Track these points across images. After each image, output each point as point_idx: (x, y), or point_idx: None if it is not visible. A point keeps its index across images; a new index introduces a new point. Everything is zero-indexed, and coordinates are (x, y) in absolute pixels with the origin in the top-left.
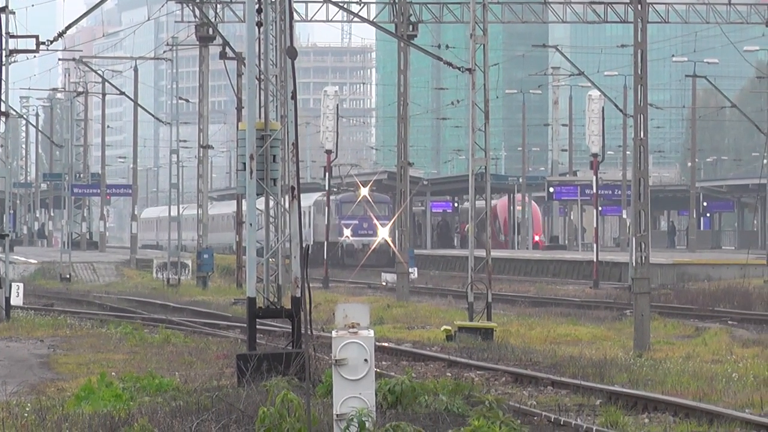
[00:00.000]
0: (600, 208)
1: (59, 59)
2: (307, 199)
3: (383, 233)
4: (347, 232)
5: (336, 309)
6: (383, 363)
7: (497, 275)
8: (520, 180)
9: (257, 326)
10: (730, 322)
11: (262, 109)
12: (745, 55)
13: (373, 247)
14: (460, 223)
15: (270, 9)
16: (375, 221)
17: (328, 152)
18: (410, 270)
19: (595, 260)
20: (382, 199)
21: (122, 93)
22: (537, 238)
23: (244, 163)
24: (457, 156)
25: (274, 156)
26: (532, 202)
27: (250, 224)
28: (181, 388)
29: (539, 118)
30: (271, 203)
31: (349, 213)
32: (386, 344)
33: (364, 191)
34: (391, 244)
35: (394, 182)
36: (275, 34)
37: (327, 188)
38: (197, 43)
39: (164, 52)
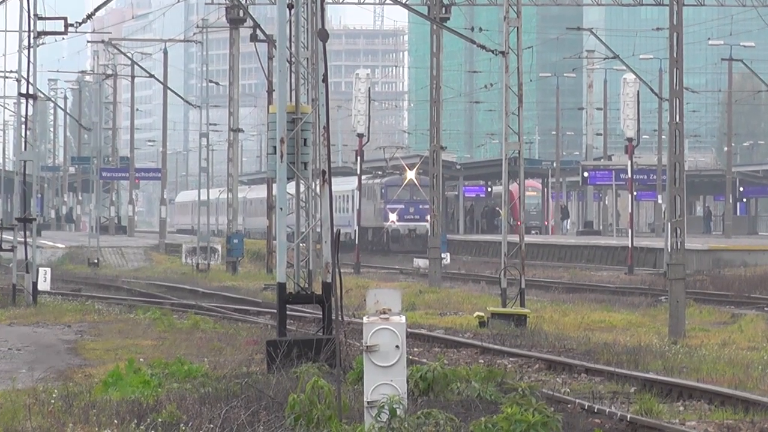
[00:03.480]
0: (635, 193)
1: (88, 41)
2: (351, 183)
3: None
4: (393, 216)
5: (367, 294)
6: (415, 349)
7: (530, 261)
8: (554, 164)
9: (287, 312)
10: (766, 308)
11: (293, 92)
12: None
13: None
14: (494, 209)
15: None
16: (423, 205)
17: (360, 136)
18: (443, 255)
19: (629, 246)
20: (425, 182)
21: (151, 76)
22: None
23: (275, 147)
24: (490, 140)
25: (305, 139)
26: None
27: (281, 209)
28: (210, 374)
29: (573, 102)
30: (302, 187)
31: (395, 197)
32: (418, 330)
33: (411, 174)
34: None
35: (427, 166)
36: (306, 17)
37: (359, 172)
38: (227, 25)
39: (194, 34)
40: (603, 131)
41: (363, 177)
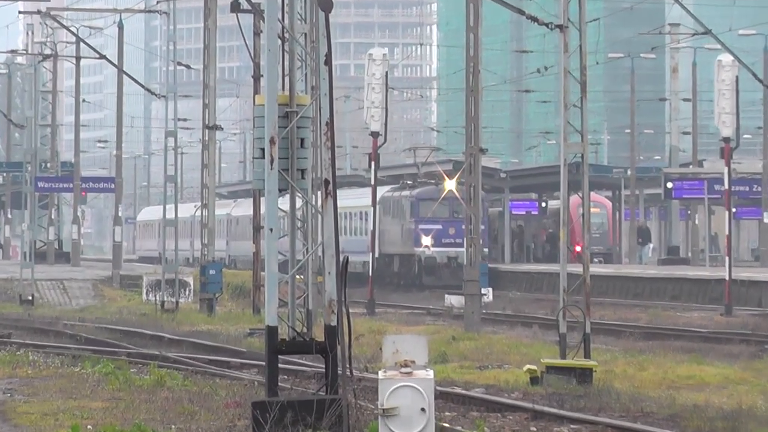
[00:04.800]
0: (733, 210)
1: (20, 12)
2: (364, 197)
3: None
4: (427, 240)
5: (384, 342)
6: (446, 414)
7: (598, 298)
8: (628, 172)
9: (280, 365)
10: None
11: (287, 78)
12: None
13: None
14: (540, 230)
15: None
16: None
17: (375, 135)
18: (483, 291)
19: (727, 278)
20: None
21: (102, 57)
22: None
23: (263, 149)
24: (544, 140)
25: (302, 140)
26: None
27: (270, 230)
28: None
29: (653, 91)
30: (299, 202)
31: (430, 214)
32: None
33: (451, 184)
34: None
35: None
36: None
37: (373, 182)
38: None
39: (157, 2)
40: (692, 129)
41: (383, 188)
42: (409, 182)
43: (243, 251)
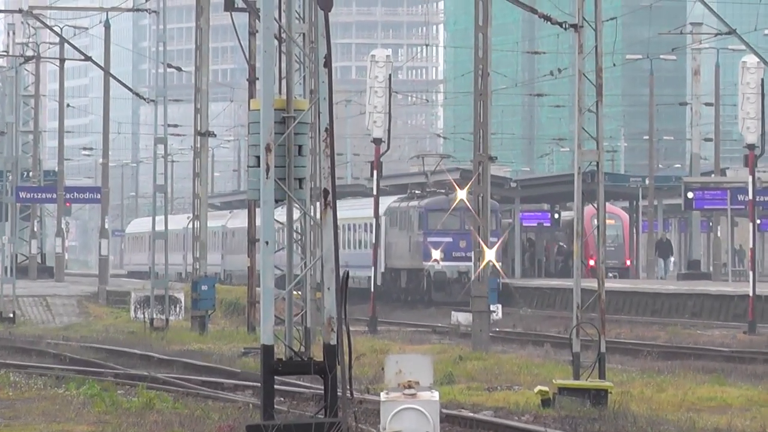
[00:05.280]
0: (758, 222)
1: (0, 10)
2: (366, 207)
3: (490, 255)
4: (436, 254)
5: (386, 362)
6: None
7: (613, 315)
8: (647, 181)
9: (276, 386)
10: None
11: (284, 81)
12: None
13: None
14: (546, 243)
15: None
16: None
17: (377, 142)
18: (492, 308)
19: (750, 294)
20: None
21: (88, 58)
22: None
23: (258, 157)
24: (557, 147)
25: (300, 147)
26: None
27: (266, 243)
28: None
29: (673, 94)
30: (296, 213)
31: (440, 226)
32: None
33: (462, 194)
34: (501, 271)
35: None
36: None
37: (375, 192)
38: None
39: (147, 0)
40: (714, 135)
41: (390, 198)
42: (417, 192)
43: (239, 266)
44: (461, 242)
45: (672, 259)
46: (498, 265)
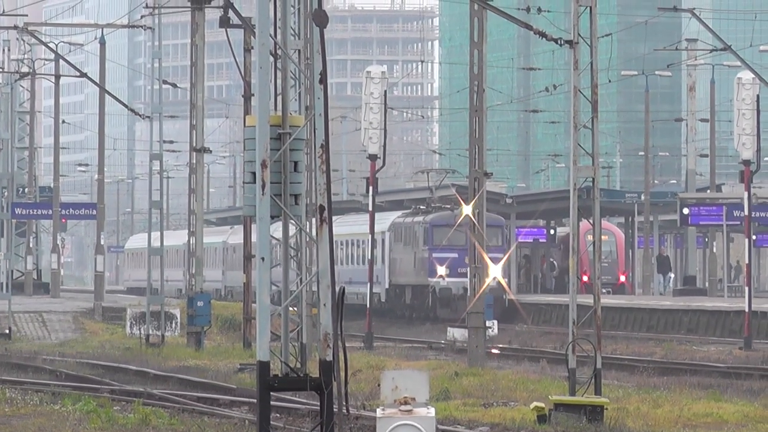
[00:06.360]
0: (754, 237)
1: None
2: (381, 223)
3: (495, 272)
4: (442, 270)
5: (382, 378)
6: None
7: (609, 331)
8: (642, 197)
9: (272, 402)
10: None
11: (279, 98)
12: None
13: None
14: (541, 257)
15: None
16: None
17: (373, 158)
18: (488, 324)
19: (746, 310)
20: (493, 221)
21: (83, 75)
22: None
23: (254, 173)
24: (553, 163)
25: (296, 163)
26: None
27: (262, 259)
28: None
29: (669, 110)
30: (292, 229)
31: (445, 242)
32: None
33: (467, 209)
34: (506, 288)
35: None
36: None
37: (371, 208)
38: (188, 4)
39: (142, 17)
40: (710, 151)
41: (394, 213)
42: (422, 207)
43: (240, 281)
44: (467, 258)
45: (671, 275)
46: (504, 281)
